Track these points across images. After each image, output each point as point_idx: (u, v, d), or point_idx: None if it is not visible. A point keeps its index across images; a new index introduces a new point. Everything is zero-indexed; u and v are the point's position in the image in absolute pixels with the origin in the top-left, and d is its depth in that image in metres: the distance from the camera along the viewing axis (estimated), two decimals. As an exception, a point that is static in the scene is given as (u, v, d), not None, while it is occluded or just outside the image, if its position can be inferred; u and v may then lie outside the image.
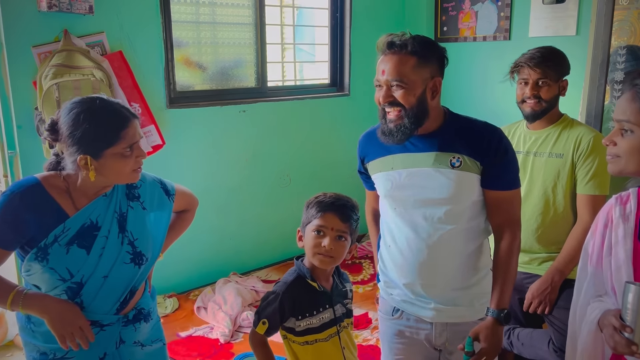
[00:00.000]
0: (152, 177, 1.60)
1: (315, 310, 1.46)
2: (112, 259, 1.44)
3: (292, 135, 3.50)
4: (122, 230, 1.47)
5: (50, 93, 2.21)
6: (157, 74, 2.80)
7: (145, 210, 1.53)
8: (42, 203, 1.38)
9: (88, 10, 2.40)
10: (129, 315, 1.52)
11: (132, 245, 1.48)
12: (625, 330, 1.16)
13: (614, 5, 2.66)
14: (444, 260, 1.56)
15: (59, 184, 1.42)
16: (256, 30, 3.32)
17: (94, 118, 1.34)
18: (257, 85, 3.39)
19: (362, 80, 3.82)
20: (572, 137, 2.04)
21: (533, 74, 2.05)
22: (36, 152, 2.39)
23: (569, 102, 3.02)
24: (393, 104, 1.47)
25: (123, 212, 1.48)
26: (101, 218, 1.44)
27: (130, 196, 1.51)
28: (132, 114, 1.41)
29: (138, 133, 1.41)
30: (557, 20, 3.16)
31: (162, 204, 1.59)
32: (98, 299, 1.45)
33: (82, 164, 1.35)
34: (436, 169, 1.52)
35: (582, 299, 1.37)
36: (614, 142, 1.23)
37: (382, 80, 1.48)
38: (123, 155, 1.37)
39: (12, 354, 2.95)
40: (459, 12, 3.67)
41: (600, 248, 1.32)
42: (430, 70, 1.48)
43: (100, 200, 1.45)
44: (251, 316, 2.72)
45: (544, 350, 2.13)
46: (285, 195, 3.52)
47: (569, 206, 2.08)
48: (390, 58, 1.46)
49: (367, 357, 2.38)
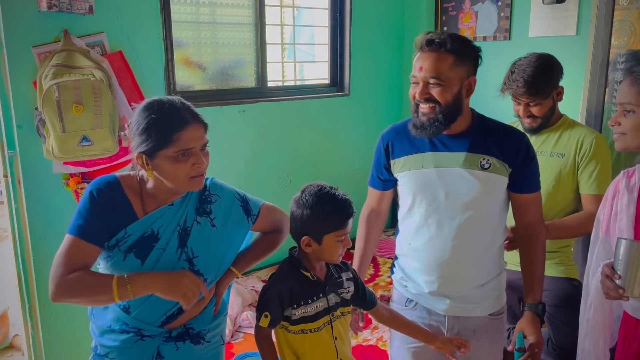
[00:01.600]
0: (234, 193, 1.53)
1: (310, 299, 1.46)
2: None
3: (292, 135, 3.50)
4: (182, 245, 1.41)
5: (50, 93, 2.21)
6: (157, 74, 2.80)
7: (214, 227, 1.46)
8: (117, 200, 1.38)
9: (88, 10, 2.39)
10: (173, 332, 1.46)
11: (190, 263, 1.42)
12: (615, 277, 1.33)
13: (614, 5, 2.66)
14: (466, 259, 1.58)
15: (134, 184, 1.41)
16: (256, 30, 3.32)
17: (152, 116, 1.32)
18: (257, 85, 3.39)
19: (362, 80, 3.83)
20: (573, 137, 2.05)
21: (522, 100, 2.03)
22: (36, 152, 2.39)
23: (569, 102, 3.01)
24: (429, 100, 1.50)
25: (187, 226, 1.42)
26: (163, 229, 1.40)
27: (200, 210, 1.44)
28: (195, 118, 1.36)
29: (196, 139, 1.35)
30: (557, 20, 3.16)
31: (238, 223, 1.51)
32: (144, 308, 1.41)
33: (140, 162, 1.35)
34: (466, 169, 1.55)
35: (594, 263, 1.52)
36: (618, 123, 1.39)
37: (419, 77, 1.51)
38: (176, 160, 1.32)
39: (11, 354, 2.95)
40: (459, 12, 3.67)
41: (609, 216, 1.48)
42: (466, 68, 1.51)
43: (166, 210, 1.41)
44: (251, 316, 2.72)
45: (544, 349, 2.13)
46: (286, 195, 3.51)
47: (570, 204, 2.09)
48: (429, 55, 1.49)
49: (367, 357, 2.38)
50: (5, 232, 2.72)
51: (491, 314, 1.65)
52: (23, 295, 2.48)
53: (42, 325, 2.50)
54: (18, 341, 3.07)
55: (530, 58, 2.05)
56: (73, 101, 2.24)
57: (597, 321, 1.50)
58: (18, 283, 2.48)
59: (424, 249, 1.62)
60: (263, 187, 3.42)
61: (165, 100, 1.37)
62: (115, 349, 1.44)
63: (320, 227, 1.43)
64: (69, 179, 2.48)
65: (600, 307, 1.48)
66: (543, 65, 2.01)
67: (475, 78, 1.55)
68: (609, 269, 1.36)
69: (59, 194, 2.48)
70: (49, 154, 2.31)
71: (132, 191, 1.41)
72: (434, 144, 1.58)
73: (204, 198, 1.46)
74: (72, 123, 2.26)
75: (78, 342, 2.61)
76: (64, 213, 2.51)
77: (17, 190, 2.40)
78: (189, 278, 1.35)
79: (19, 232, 2.44)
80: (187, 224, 1.42)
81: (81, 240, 1.35)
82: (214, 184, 1.52)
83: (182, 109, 1.36)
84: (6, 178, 2.41)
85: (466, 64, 1.51)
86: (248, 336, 2.64)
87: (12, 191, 2.41)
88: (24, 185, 2.40)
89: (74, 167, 2.46)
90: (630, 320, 1.44)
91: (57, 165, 2.43)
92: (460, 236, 1.57)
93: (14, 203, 2.41)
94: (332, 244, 1.44)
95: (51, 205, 2.47)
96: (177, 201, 1.43)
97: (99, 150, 2.36)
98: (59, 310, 2.53)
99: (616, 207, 1.46)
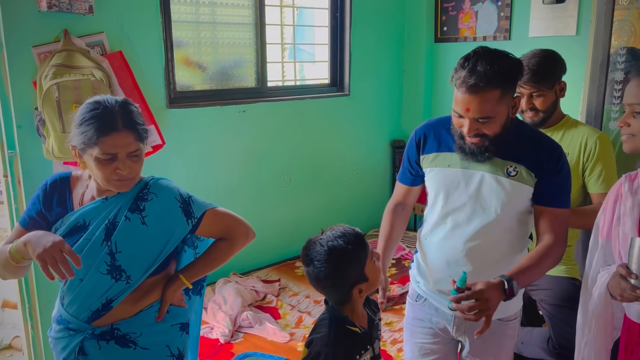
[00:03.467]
0: (174, 194, 1.48)
1: (358, 354, 1.36)
2: (89, 264, 1.40)
3: (292, 135, 3.50)
4: (107, 238, 1.41)
5: (50, 93, 2.21)
6: (157, 74, 2.80)
7: (144, 225, 1.43)
8: (60, 193, 1.47)
9: (88, 10, 2.39)
10: (97, 330, 1.44)
11: (112, 257, 1.41)
12: (631, 277, 1.28)
13: (614, 5, 2.66)
14: (477, 264, 1.56)
15: (84, 178, 1.49)
16: (256, 30, 3.32)
17: (85, 115, 1.36)
18: (257, 85, 3.39)
19: (362, 80, 3.83)
20: (577, 137, 2.05)
21: (525, 89, 2.02)
22: (36, 152, 2.39)
23: (569, 102, 3.01)
24: (477, 135, 1.46)
25: (116, 221, 1.42)
26: (93, 221, 1.42)
27: (132, 208, 1.43)
28: (127, 126, 1.36)
29: (121, 146, 1.35)
30: (557, 20, 3.16)
31: (174, 224, 1.46)
32: (74, 301, 1.44)
33: (73, 153, 1.42)
34: (492, 174, 1.52)
35: (594, 269, 1.49)
36: (627, 124, 1.36)
37: (466, 116, 1.45)
38: (99, 161, 1.35)
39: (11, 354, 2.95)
40: (459, 12, 3.67)
41: (610, 221, 1.45)
42: (512, 93, 1.46)
43: (99, 203, 1.44)
44: (251, 316, 2.72)
45: (544, 348, 2.14)
46: (285, 195, 3.52)
47: (576, 201, 2.08)
48: (475, 97, 1.40)
49: (367, 357, 2.38)
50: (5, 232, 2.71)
51: (500, 319, 1.61)
52: (23, 295, 2.48)
53: (42, 325, 2.50)
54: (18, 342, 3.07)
55: (534, 51, 2.08)
56: (73, 101, 2.24)
57: (600, 330, 1.46)
58: (18, 283, 2.48)
59: (438, 246, 1.62)
60: (263, 187, 3.42)
61: (103, 101, 1.38)
62: (52, 339, 1.52)
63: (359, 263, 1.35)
64: (69, 179, 2.48)
65: (603, 316, 1.44)
66: (547, 56, 2.04)
67: (519, 97, 1.53)
68: (625, 269, 1.31)
69: (59, 194, 2.48)
70: (49, 154, 2.31)
71: (79, 185, 1.49)
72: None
73: (140, 195, 1.45)
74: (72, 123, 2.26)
75: (78, 342, 2.61)
76: (64, 213, 2.51)
77: (17, 190, 2.40)
78: (50, 241, 1.27)
79: (19, 232, 2.44)
80: (116, 219, 1.42)
81: (21, 227, 1.47)
82: (155, 183, 1.49)
83: (115, 114, 1.36)
84: (6, 178, 2.41)
85: (511, 89, 1.45)
86: (248, 336, 2.64)
87: (12, 191, 2.41)
88: (24, 185, 2.40)
89: (74, 167, 2.46)
90: (634, 326, 1.42)
91: (57, 165, 2.43)
92: (475, 240, 1.55)
93: (14, 203, 2.41)
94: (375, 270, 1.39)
95: (51, 205, 2.47)
96: (113, 196, 1.44)
97: (99, 150, 2.36)
98: (59, 310, 2.53)
99: (619, 211, 1.43)
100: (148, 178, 1.50)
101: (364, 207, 3.86)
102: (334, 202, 3.75)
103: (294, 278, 3.22)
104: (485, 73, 1.38)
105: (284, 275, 3.25)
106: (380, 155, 4.01)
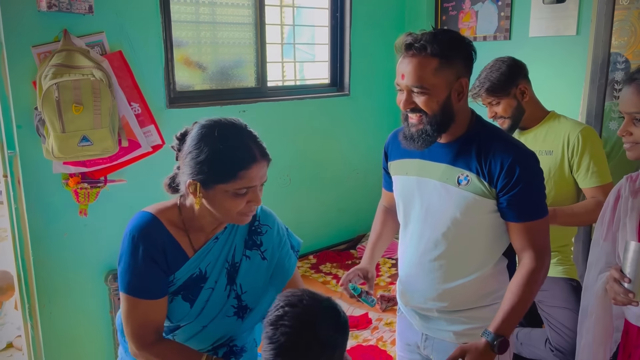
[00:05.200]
0: (280, 224, 1.44)
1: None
2: (215, 311, 1.33)
3: (292, 135, 3.50)
4: (231, 282, 1.33)
5: (50, 93, 2.20)
6: (157, 74, 2.79)
7: (265, 260, 1.36)
8: (165, 243, 1.27)
9: (88, 10, 2.39)
10: (219, 352, 1.40)
11: (239, 299, 1.34)
12: (624, 281, 1.28)
13: (614, 5, 2.65)
14: (442, 279, 1.47)
15: (175, 218, 1.30)
16: (256, 30, 3.32)
17: (218, 147, 1.21)
18: (257, 85, 3.39)
19: (362, 80, 3.82)
20: (559, 133, 2.04)
21: (483, 100, 2.09)
22: (36, 152, 2.39)
23: (569, 102, 3.02)
24: (415, 110, 1.35)
25: (236, 262, 1.33)
26: (210, 267, 1.31)
27: (249, 244, 1.35)
28: (263, 155, 1.25)
29: (260, 177, 1.25)
30: (557, 20, 3.16)
31: (287, 255, 1.40)
32: (192, 341, 1.37)
33: (192, 189, 1.24)
34: (442, 183, 1.41)
35: (594, 271, 1.48)
36: (629, 132, 1.33)
37: (402, 85, 1.36)
38: (235, 195, 1.22)
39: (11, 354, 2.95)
40: (459, 12, 3.67)
41: (611, 222, 1.44)
42: (455, 70, 1.34)
43: (212, 245, 1.31)
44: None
45: (542, 349, 2.13)
46: (285, 195, 3.52)
47: (571, 199, 2.08)
48: (410, 61, 1.32)
49: (367, 357, 2.38)
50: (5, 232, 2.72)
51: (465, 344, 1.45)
52: (23, 296, 2.48)
53: (42, 325, 2.50)
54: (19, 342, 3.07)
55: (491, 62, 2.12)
56: (73, 101, 2.24)
57: (599, 331, 1.44)
58: (18, 283, 2.48)
59: (402, 257, 1.58)
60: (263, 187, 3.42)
61: (231, 126, 1.26)
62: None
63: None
64: (68, 179, 2.48)
65: (602, 317, 1.43)
66: (496, 65, 2.07)
67: (467, 80, 1.36)
68: (618, 273, 1.29)
69: (59, 194, 2.48)
70: (49, 154, 2.31)
71: (174, 227, 1.29)
72: (424, 151, 1.45)
73: (253, 229, 1.35)
74: (72, 123, 2.26)
75: (78, 342, 2.61)
76: (64, 213, 2.51)
77: (17, 190, 2.40)
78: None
79: (19, 232, 2.44)
80: (235, 260, 1.33)
81: (144, 300, 1.25)
82: (265, 212, 1.42)
83: (250, 142, 1.24)
84: (6, 178, 2.41)
85: (454, 65, 1.32)
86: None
87: (12, 191, 2.41)
88: (23, 185, 2.39)
89: (73, 167, 2.46)
90: (633, 329, 1.40)
91: (57, 165, 2.43)
92: (430, 256, 1.45)
93: (14, 203, 2.41)
94: None
95: (51, 205, 2.47)
96: (223, 233, 1.33)
97: (99, 150, 2.36)
98: (59, 311, 2.53)
99: (619, 212, 1.41)
100: None
101: (364, 207, 3.85)
102: (334, 202, 3.75)
103: (294, 278, 3.22)
104: (424, 37, 1.31)
105: (284, 275, 3.25)
106: (380, 155, 3.94)
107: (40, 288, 2.47)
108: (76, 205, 2.53)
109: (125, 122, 2.57)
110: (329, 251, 3.59)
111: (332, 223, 3.71)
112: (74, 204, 2.52)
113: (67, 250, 2.54)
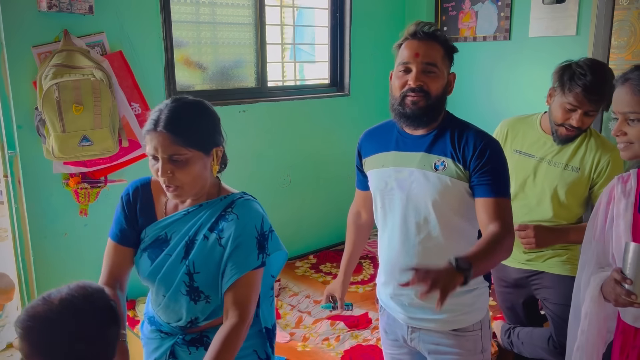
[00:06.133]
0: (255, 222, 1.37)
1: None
2: (170, 282, 1.37)
3: (292, 135, 3.50)
4: (186, 256, 1.36)
5: (50, 93, 2.21)
6: (157, 74, 2.80)
7: (221, 247, 1.34)
8: (143, 201, 1.43)
9: (88, 10, 2.39)
10: (187, 337, 1.43)
11: (191, 277, 1.35)
12: (626, 282, 1.28)
13: (614, 5, 2.66)
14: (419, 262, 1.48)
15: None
16: (256, 30, 3.32)
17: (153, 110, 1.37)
18: (257, 85, 3.39)
19: (362, 80, 3.82)
20: (589, 153, 1.97)
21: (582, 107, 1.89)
22: (36, 152, 2.39)
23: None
24: (421, 90, 1.44)
25: (195, 239, 1.36)
26: (174, 235, 1.38)
27: (212, 226, 1.35)
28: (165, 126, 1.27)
29: (155, 146, 1.28)
30: (557, 20, 3.16)
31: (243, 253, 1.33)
32: (163, 311, 1.43)
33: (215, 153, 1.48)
34: (420, 169, 1.49)
35: (586, 272, 1.49)
36: (624, 132, 1.34)
37: (414, 62, 1.45)
38: (151, 158, 1.33)
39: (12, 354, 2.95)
40: (459, 12, 3.67)
41: (604, 223, 1.44)
42: (449, 64, 1.51)
43: (180, 215, 1.39)
44: (251, 316, 2.72)
45: (544, 348, 2.14)
46: (285, 195, 3.52)
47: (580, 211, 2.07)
48: (425, 43, 1.46)
49: (367, 357, 2.38)
50: (5, 232, 2.72)
51: (455, 330, 1.53)
52: (23, 295, 2.48)
53: (42, 325, 2.50)
54: (18, 341, 3.06)
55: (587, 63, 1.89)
56: (73, 101, 2.24)
57: (592, 333, 1.44)
58: (18, 283, 2.48)
59: (384, 250, 1.60)
60: (263, 187, 3.42)
61: (178, 97, 1.40)
62: (145, 338, 1.53)
63: None
64: (69, 179, 2.48)
65: (595, 318, 1.42)
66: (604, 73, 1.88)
67: (455, 74, 1.54)
68: (619, 274, 1.30)
69: (59, 194, 2.48)
70: (49, 154, 2.31)
71: (162, 193, 1.42)
72: (398, 143, 1.54)
73: (222, 214, 1.36)
74: (72, 123, 2.26)
75: (78, 342, 2.61)
76: (64, 213, 2.51)
77: (17, 190, 2.40)
78: None
79: (19, 232, 2.44)
80: (196, 237, 1.36)
81: (114, 242, 1.45)
82: (243, 203, 1.40)
83: (162, 112, 1.31)
84: (6, 178, 2.41)
85: (450, 58, 1.50)
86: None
87: (12, 191, 2.41)
88: (24, 185, 2.40)
89: (74, 167, 2.46)
90: (629, 330, 1.40)
91: (57, 165, 2.43)
92: (414, 241, 1.50)
93: (14, 203, 2.42)
94: None
95: (51, 205, 2.47)
96: (195, 209, 1.38)
97: (99, 150, 2.36)
98: (59, 310, 2.53)
99: (612, 213, 1.41)
100: (237, 195, 1.43)
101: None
102: (334, 202, 3.75)
103: (294, 278, 3.22)
104: (430, 29, 1.47)
105: (284, 275, 3.25)
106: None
107: (40, 288, 2.47)
108: (76, 205, 2.53)
109: (125, 122, 2.58)
110: (329, 251, 3.60)
111: (332, 223, 3.71)
112: (74, 204, 2.53)
113: (67, 250, 2.55)
